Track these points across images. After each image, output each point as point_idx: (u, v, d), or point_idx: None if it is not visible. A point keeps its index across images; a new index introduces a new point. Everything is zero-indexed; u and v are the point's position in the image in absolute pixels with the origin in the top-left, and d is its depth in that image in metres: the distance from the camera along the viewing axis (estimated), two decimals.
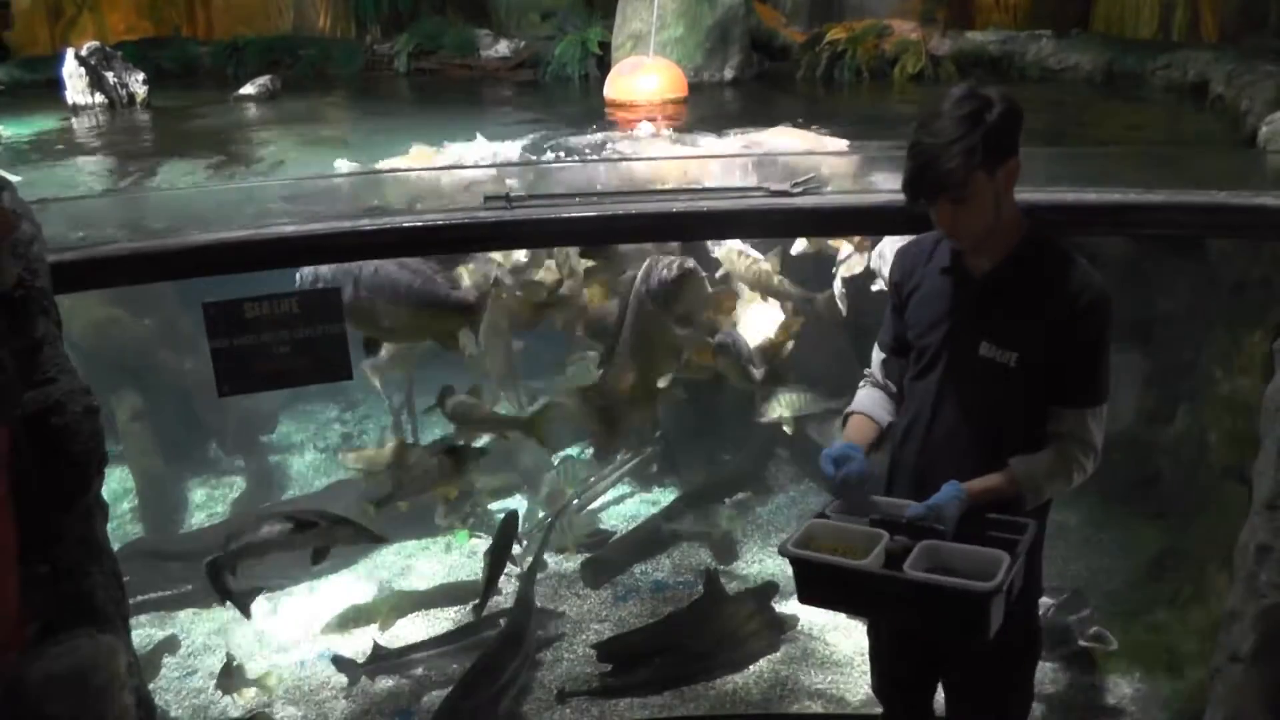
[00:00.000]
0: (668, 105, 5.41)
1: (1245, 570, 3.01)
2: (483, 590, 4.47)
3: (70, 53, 5.73)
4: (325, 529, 3.88)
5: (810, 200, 3.14)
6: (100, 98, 5.70)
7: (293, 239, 3.01)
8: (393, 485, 4.21)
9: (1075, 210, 3.04)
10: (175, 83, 6.70)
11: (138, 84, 5.81)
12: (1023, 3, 6.77)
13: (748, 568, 5.18)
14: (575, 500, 5.61)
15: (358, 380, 3.84)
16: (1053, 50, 6.00)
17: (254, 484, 6.08)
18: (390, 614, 4.79)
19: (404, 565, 5.37)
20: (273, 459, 6.37)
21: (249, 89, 6.02)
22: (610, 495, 5.85)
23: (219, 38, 7.42)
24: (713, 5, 6.01)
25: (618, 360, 3.95)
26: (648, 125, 4.68)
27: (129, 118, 5.61)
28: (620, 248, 4.08)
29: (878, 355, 2.86)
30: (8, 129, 5.08)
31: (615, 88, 5.55)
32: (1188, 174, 3.60)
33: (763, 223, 3.29)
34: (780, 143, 4.20)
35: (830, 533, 2.53)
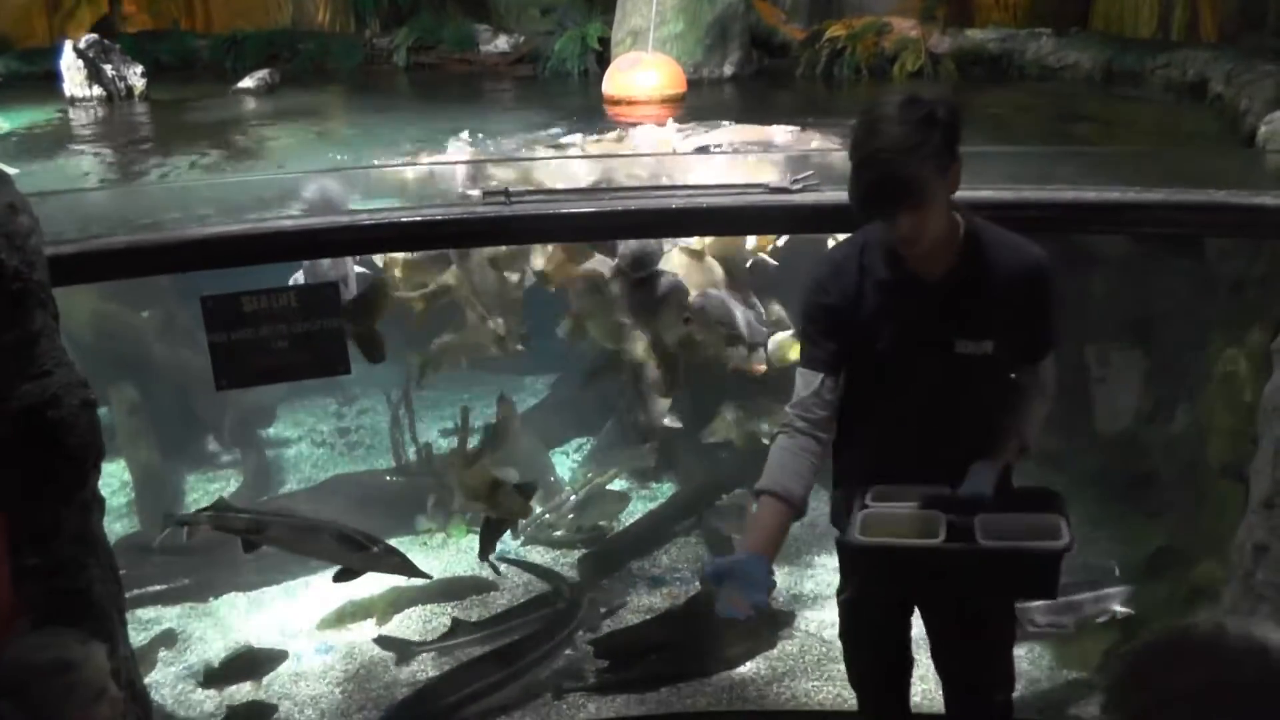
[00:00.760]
0: (666, 102, 5.40)
1: (1242, 569, 3.02)
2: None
3: (68, 45, 5.71)
4: (375, 554, 3.94)
5: (810, 197, 3.14)
6: (98, 90, 5.68)
7: (291, 233, 3.01)
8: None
9: (1074, 208, 3.05)
10: (173, 76, 6.68)
11: (136, 77, 5.79)
12: (1022, 1, 6.75)
13: None
14: (573, 496, 5.61)
15: (356, 375, 3.83)
16: (1052, 49, 5.99)
17: (251, 478, 6.07)
18: (387, 609, 4.79)
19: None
20: (270, 453, 6.36)
21: (247, 83, 6.01)
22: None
23: (217, 31, 7.39)
24: (712, 2, 5.98)
25: None
26: (670, 123, 4.67)
27: (127, 111, 5.60)
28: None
29: (812, 378, 2.61)
30: (5, 121, 5.07)
31: (614, 84, 5.53)
32: (1186, 173, 3.60)
33: (762, 219, 3.30)
34: (724, 137, 4.20)
35: (883, 521, 2.54)
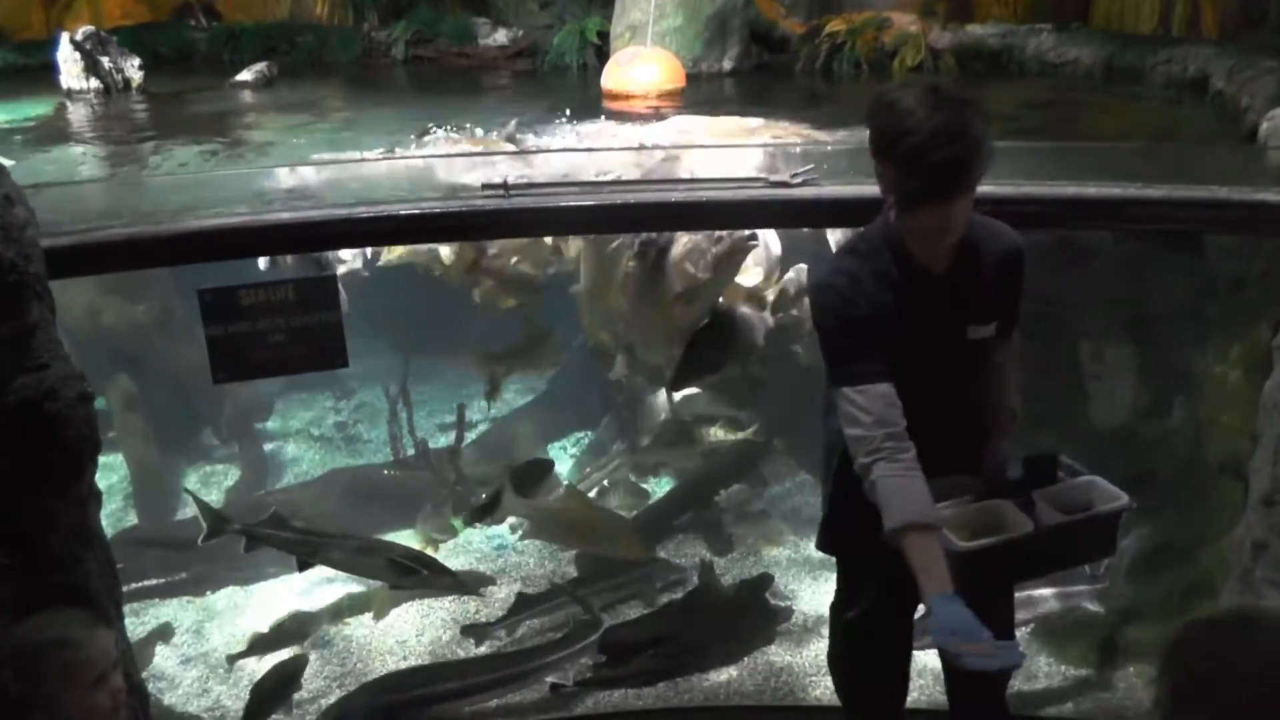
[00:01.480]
0: (665, 96, 5.38)
1: (1241, 566, 3.02)
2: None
3: (65, 37, 5.68)
4: (428, 576, 4.03)
5: (809, 191, 3.14)
6: (95, 83, 5.66)
7: (290, 225, 3.00)
8: None
9: (1074, 204, 3.04)
10: (171, 69, 6.66)
11: (133, 69, 5.77)
12: None
13: (743, 559, 5.17)
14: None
15: (354, 368, 3.82)
16: (1053, 44, 5.97)
17: (249, 472, 6.06)
18: (385, 604, 4.78)
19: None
20: (268, 447, 6.36)
21: (245, 75, 5.99)
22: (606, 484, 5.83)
23: (216, 24, 7.37)
24: None
25: None
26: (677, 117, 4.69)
27: (124, 103, 5.58)
28: None
29: (876, 391, 2.50)
30: (1, 114, 5.05)
31: (613, 78, 5.52)
32: (1188, 170, 3.59)
33: (762, 213, 3.29)
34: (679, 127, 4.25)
35: (962, 522, 2.60)
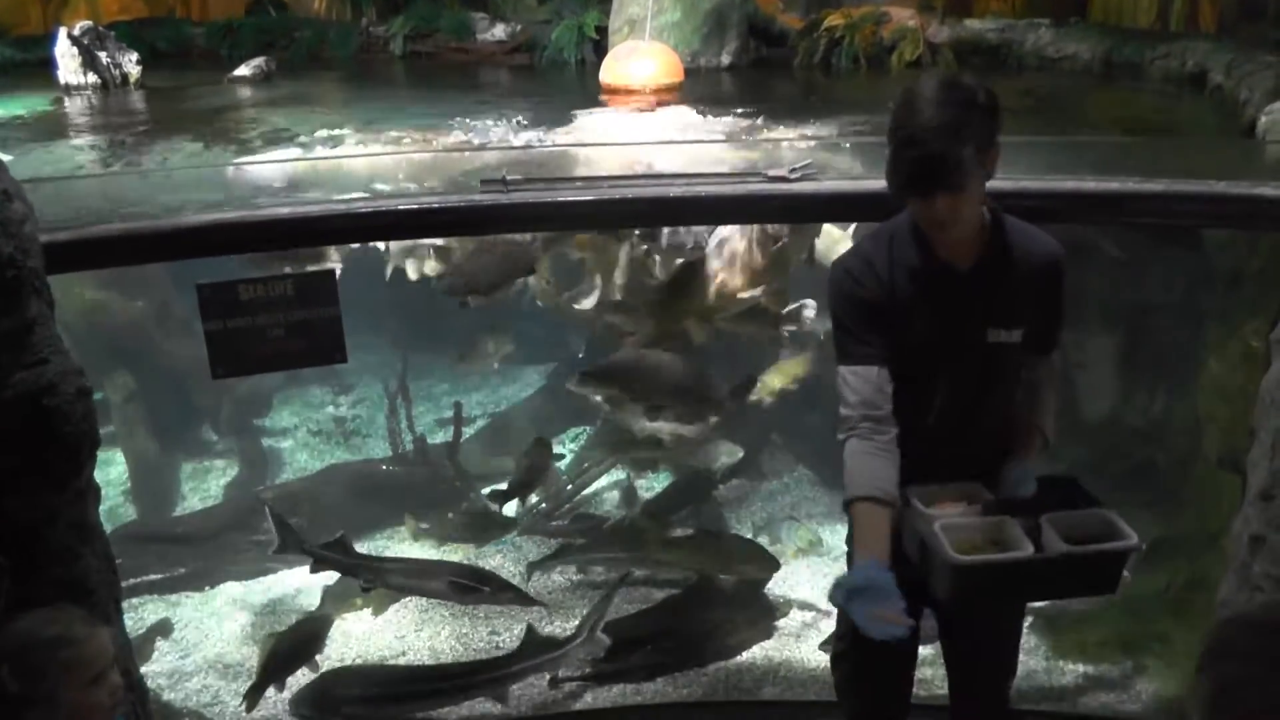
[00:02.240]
0: (664, 90, 5.37)
1: (1238, 560, 3.02)
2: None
3: (63, 32, 5.67)
4: (490, 593, 4.11)
5: (807, 186, 3.13)
6: (93, 78, 5.64)
7: (288, 220, 3.00)
8: None
9: (1073, 199, 3.04)
10: (169, 64, 6.64)
11: (131, 64, 5.75)
12: None
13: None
14: (569, 486, 5.61)
15: (353, 363, 3.82)
16: (1051, 39, 5.97)
17: (247, 467, 6.07)
18: (384, 597, 4.78)
19: (397, 552, 5.34)
20: (266, 442, 6.36)
21: (243, 70, 5.97)
22: (603, 481, 5.84)
23: (213, 19, 7.36)
24: None
25: None
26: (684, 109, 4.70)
27: (122, 98, 5.56)
28: None
29: (867, 374, 2.54)
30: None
31: (611, 72, 5.51)
32: (1186, 164, 3.59)
33: (760, 208, 3.28)
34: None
35: (962, 531, 2.48)
